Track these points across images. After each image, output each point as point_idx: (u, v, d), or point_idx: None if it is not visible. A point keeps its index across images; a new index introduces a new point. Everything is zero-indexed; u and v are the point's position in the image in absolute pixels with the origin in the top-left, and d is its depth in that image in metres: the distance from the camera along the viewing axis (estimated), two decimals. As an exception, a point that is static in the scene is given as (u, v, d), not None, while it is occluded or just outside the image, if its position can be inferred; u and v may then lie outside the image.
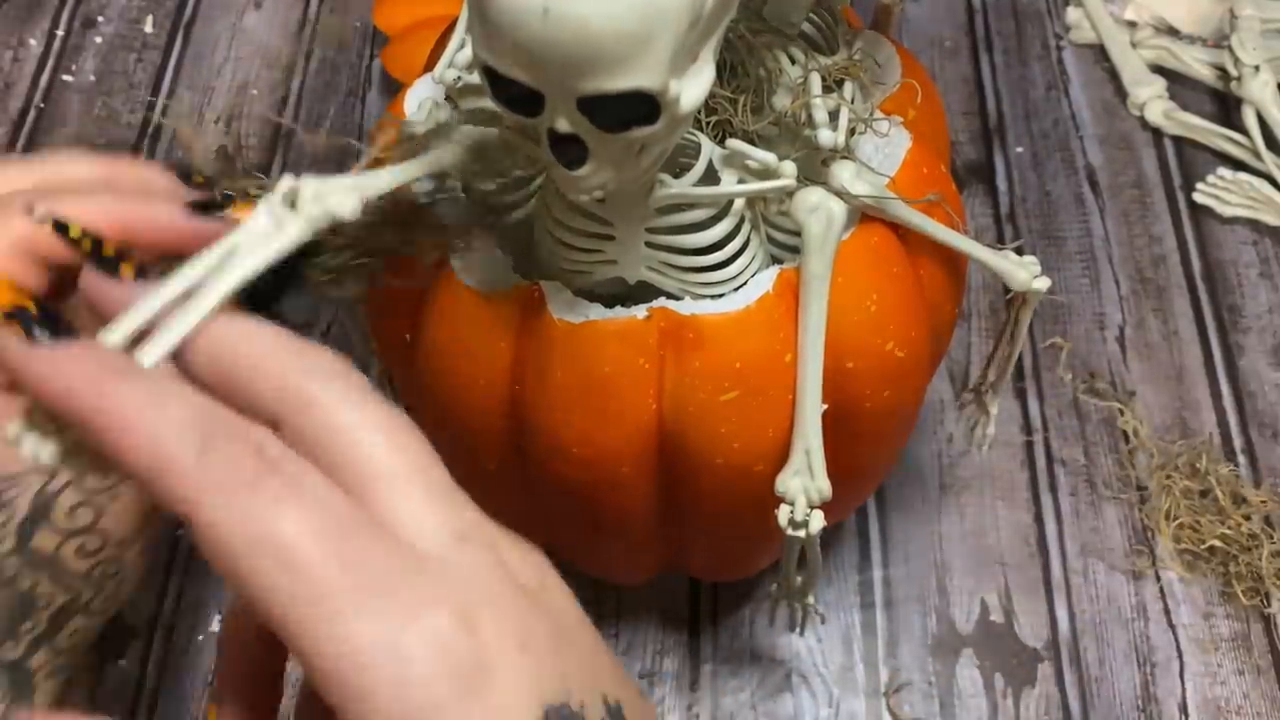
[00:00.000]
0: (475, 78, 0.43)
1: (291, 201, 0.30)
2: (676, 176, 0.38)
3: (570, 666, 0.26)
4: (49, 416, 0.26)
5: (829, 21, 0.44)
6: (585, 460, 0.41)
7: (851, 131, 0.41)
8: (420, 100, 0.44)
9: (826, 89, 0.42)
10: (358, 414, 0.26)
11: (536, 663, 0.25)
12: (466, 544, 0.26)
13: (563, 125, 0.31)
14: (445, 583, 0.25)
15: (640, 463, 0.42)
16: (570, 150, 0.32)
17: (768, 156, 0.38)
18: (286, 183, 0.30)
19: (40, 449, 0.27)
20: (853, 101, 0.42)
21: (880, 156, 0.43)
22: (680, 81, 0.31)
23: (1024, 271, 0.44)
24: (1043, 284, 0.44)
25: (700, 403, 0.40)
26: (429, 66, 0.46)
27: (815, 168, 0.41)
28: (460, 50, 0.44)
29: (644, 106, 0.31)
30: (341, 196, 0.31)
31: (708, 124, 0.41)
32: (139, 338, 0.27)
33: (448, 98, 0.44)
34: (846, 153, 0.41)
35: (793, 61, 0.42)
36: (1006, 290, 0.45)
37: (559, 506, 0.45)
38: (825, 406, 0.40)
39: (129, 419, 0.24)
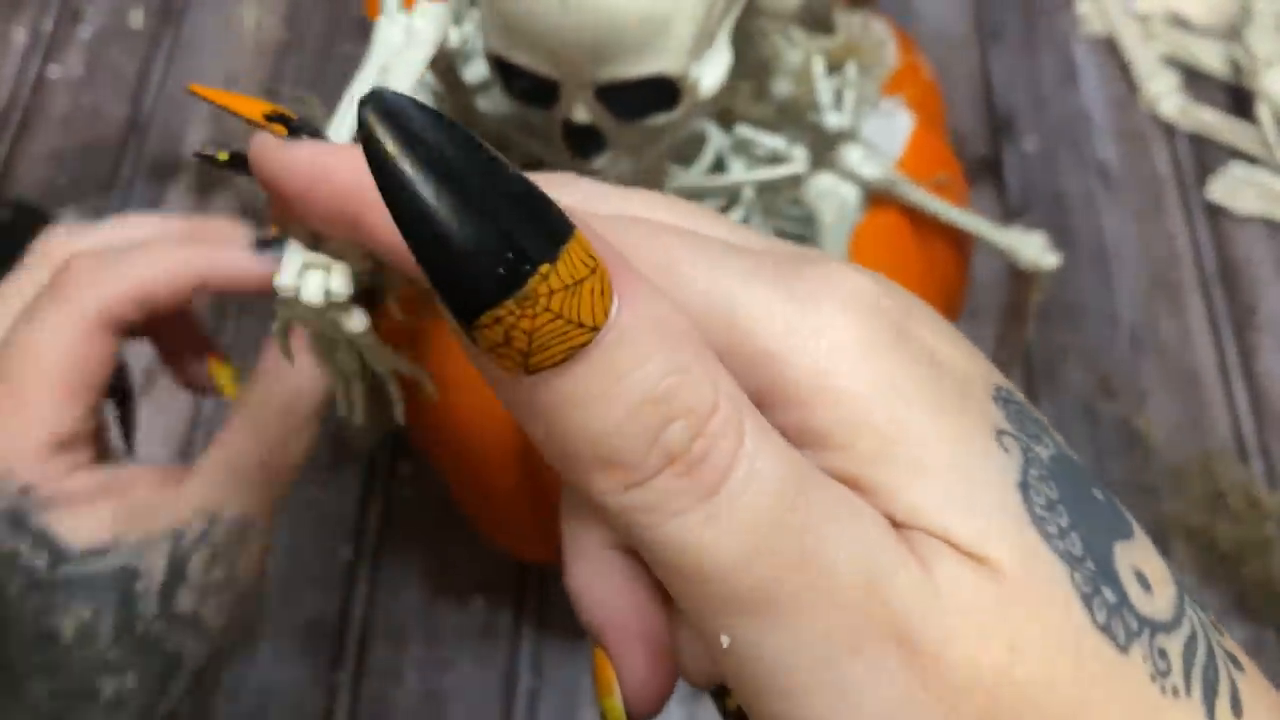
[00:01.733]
0: (465, 77, 0.42)
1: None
2: (684, 167, 0.37)
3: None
4: (313, 236, 0.25)
5: (824, 2, 0.43)
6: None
7: (855, 113, 0.40)
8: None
9: (828, 70, 0.41)
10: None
11: (965, 343, 0.21)
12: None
13: (580, 115, 0.30)
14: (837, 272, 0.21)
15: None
16: (587, 141, 0.31)
17: (777, 142, 0.37)
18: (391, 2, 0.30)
19: (327, 281, 0.26)
20: (855, 82, 0.41)
21: (883, 137, 0.42)
22: (700, 65, 0.30)
23: (1032, 248, 0.43)
24: (1052, 260, 0.43)
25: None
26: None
27: (819, 152, 0.40)
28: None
29: (664, 92, 0.30)
30: (446, 15, 0.30)
31: (709, 112, 0.40)
32: None
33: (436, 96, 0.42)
34: (852, 135, 0.40)
35: (791, 44, 0.41)
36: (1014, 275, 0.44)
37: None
38: None
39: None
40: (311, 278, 0.26)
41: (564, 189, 0.22)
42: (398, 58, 0.29)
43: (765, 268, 0.20)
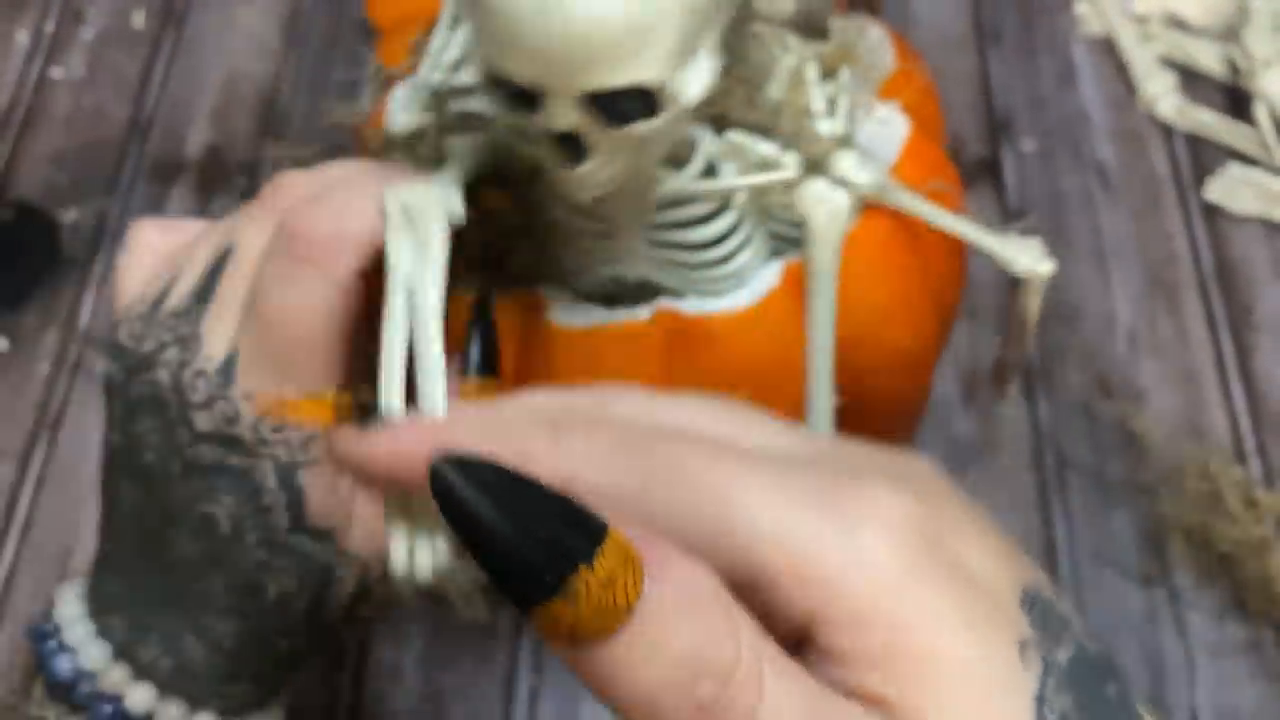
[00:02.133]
0: (461, 79, 0.42)
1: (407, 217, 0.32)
2: (675, 172, 0.37)
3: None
4: (405, 498, 0.30)
5: (820, 6, 0.44)
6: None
7: (849, 120, 0.41)
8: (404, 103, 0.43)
9: (822, 76, 0.41)
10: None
11: (997, 544, 0.24)
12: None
13: (564, 122, 0.31)
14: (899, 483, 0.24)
15: (648, 468, 0.41)
16: (572, 148, 0.31)
17: (768, 148, 0.37)
18: (392, 204, 0.31)
19: (433, 557, 0.30)
20: (849, 88, 0.41)
21: (878, 143, 0.42)
22: (683, 73, 0.30)
23: (1028, 255, 0.43)
24: (1048, 267, 0.43)
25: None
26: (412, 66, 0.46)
27: (812, 158, 0.40)
28: (444, 52, 0.43)
29: (647, 100, 0.30)
30: (441, 196, 0.32)
31: (702, 116, 0.41)
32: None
33: (434, 97, 0.43)
34: (846, 141, 0.40)
35: (785, 49, 0.41)
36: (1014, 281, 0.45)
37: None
38: (837, 401, 0.39)
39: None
40: (421, 557, 0.29)
41: (618, 401, 0.26)
42: (418, 276, 0.31)
43: (809, 489, 0.23)
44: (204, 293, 0.34)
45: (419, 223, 0.31)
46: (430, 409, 0.31)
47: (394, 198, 0.32)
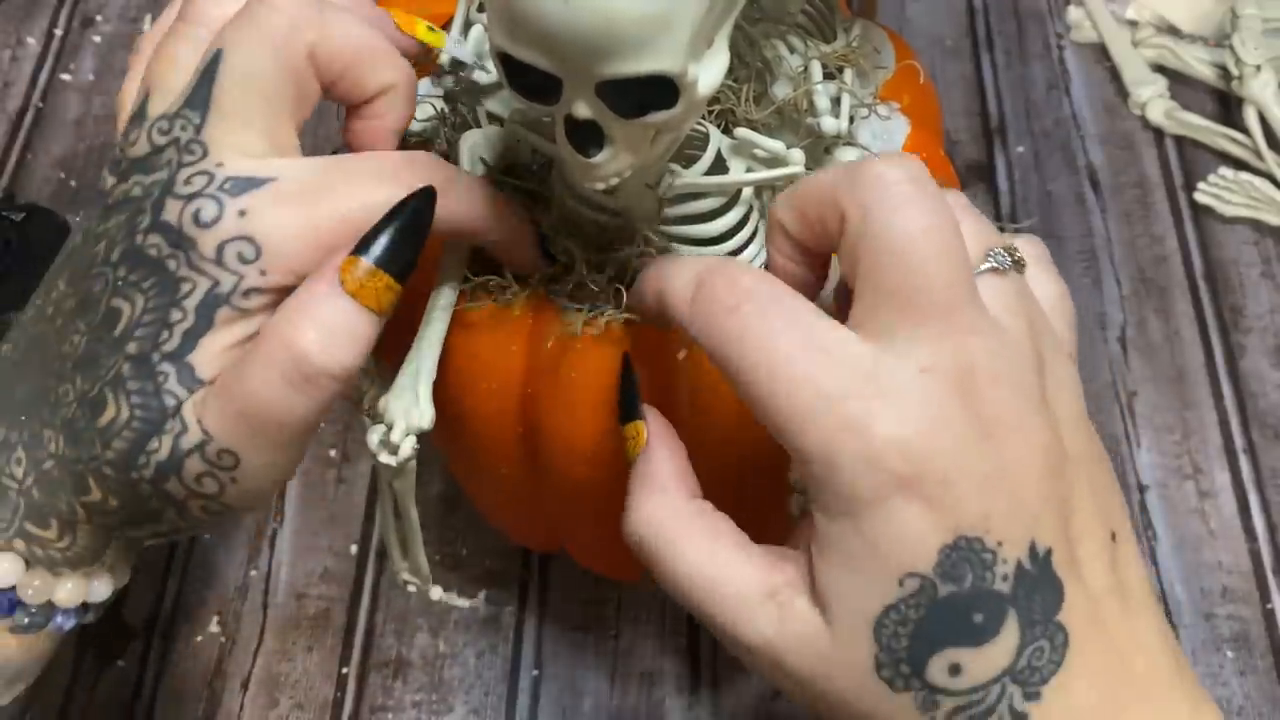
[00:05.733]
0: (474, 77, 0.43)
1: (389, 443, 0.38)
2: (685, 167, 0.38)
3: (1005, 503, 0.28)
4: None
5: (824, 9, 0.44)
6: (601, 459, 0.41)
7: (851, 118, 0.41)
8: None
9: (827, 76, 0.42)
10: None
11: (955, 495, 0.28)
12: (928, 375, 0.29)
13: (581, 111, 0.31)
14: (894, 402, 0.28)
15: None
16: (587, 136, 0.32)
17: (776, 145, 0.38)
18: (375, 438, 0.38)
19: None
20: (852, 88, 0.42)
21: (879, 142, 0.43)
22: (698, 65, 0.31)
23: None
24: None
25: (714, 395, 0.39)
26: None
27: (818, 155, 0.41)
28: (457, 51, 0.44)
29: (663, 90, 0.30)
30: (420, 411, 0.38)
31: (710, 114, 0.41)
32: None
33: (447, 98, 0.43)
34: (849, 139, 0.41)
35: (791, 50, 0.42)
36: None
37: (571, 508, 0.45)
38: None
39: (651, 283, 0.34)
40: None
41: None
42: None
43: None
44: (196, 99, 0.33)
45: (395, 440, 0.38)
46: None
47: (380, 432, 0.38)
